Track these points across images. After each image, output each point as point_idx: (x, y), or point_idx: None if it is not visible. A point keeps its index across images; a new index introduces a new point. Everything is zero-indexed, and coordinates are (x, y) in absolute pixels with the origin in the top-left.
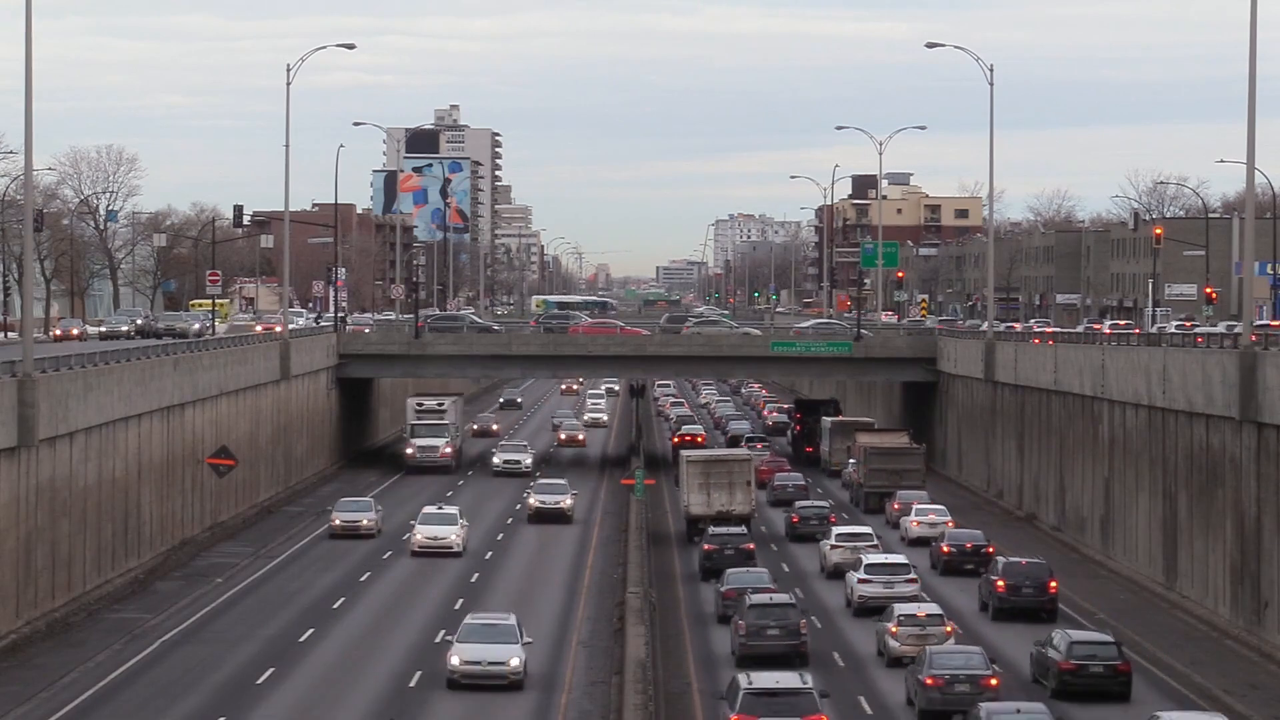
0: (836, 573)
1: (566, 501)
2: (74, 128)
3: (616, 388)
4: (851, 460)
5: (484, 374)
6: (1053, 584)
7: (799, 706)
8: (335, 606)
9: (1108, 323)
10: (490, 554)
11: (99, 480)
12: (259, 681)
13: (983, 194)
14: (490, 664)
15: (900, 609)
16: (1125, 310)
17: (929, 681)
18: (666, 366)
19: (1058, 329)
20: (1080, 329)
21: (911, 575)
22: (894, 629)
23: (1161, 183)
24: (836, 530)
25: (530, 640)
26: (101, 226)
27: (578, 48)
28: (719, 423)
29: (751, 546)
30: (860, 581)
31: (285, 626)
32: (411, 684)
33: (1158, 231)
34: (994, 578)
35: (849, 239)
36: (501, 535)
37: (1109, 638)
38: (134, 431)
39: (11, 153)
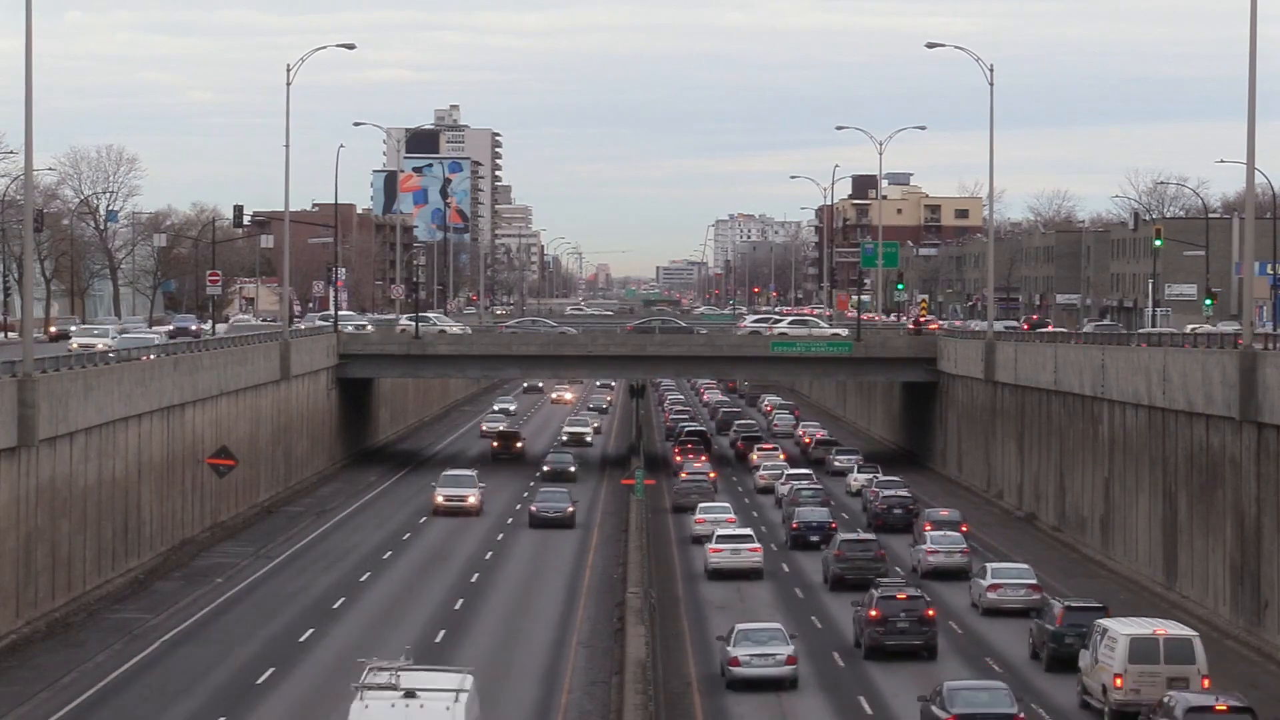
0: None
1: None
2: (93, 126)
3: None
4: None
5: (484, 374)
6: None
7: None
8: (335, 606)
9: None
10: (490, 554)
11: (99, 480)
12: (259, 681)
13: (983, 194)
14: None
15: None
16: (1125, 310)
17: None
18: (666, 366)
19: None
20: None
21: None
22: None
23: (1161, 183)
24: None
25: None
26: (101, 226)
27: (577, 46)
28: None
29: None
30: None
31: (285, 626)
32: None
33: (1158, 240)
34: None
35: (849, 239)
36: (501, 535)
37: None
38: (134, 431)
39: (12, 153)
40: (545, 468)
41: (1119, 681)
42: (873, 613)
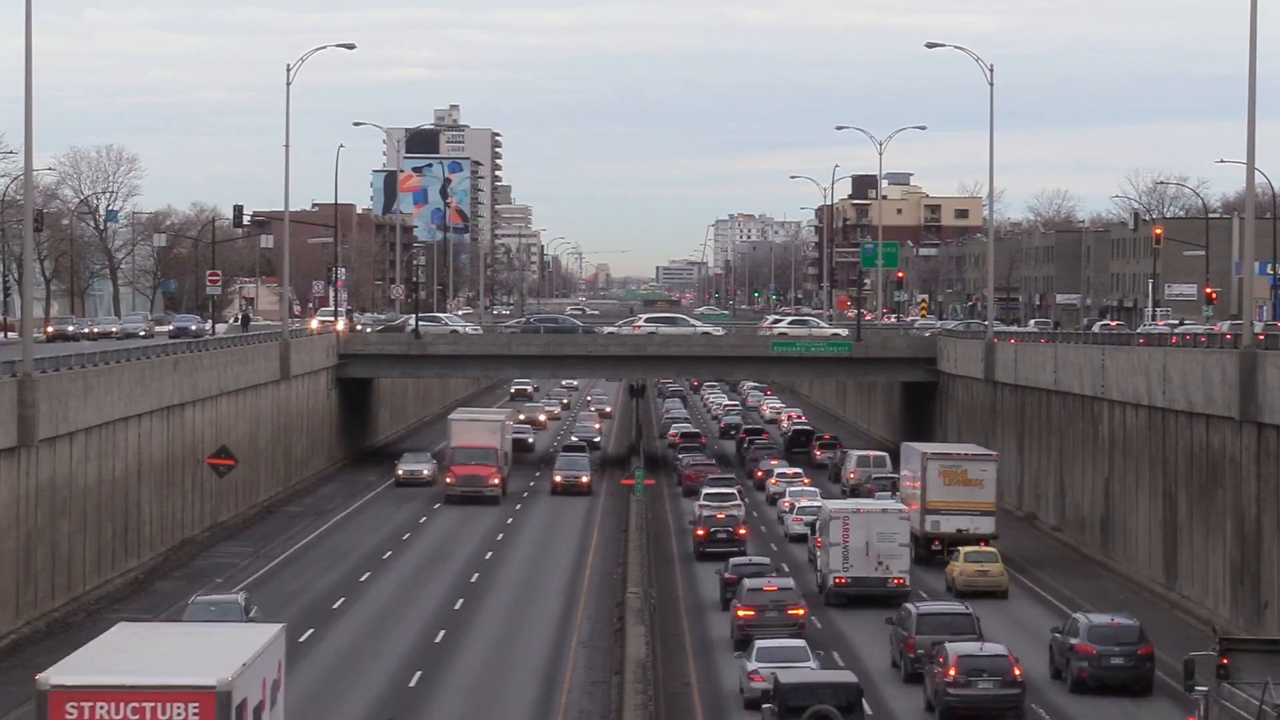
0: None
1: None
2: (102, 125)
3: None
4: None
5: (484, 374)
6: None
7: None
8: (335, 606)
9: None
10: (490, 554)
11: (99, 480)
12: None
13: (983, 194)
14: None
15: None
16: (1125, 310)
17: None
18: (666, 366)
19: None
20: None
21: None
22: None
23: (1161, 183)
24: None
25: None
26: (101, 226)
27: (575, 47)
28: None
29: None
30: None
31: (285, 626)
32: (411, 684)
33: (1157, 232)
34: None
35: (849, 239)
36: (501, 535)
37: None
38: (134, 431)
39: (11, 153)
40: None
41: (852, 476)
42: (721, 424)
